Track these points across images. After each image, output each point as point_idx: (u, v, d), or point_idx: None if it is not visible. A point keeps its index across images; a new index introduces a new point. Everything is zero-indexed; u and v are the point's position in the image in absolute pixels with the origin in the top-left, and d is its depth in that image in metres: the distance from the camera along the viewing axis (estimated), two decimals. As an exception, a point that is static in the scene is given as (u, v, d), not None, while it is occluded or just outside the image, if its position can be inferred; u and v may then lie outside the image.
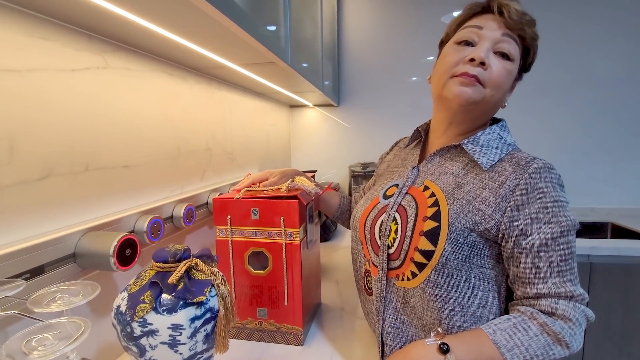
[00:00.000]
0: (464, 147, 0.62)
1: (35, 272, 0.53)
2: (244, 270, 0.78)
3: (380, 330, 0.64)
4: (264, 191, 0.80)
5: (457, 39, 0.63)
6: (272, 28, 0.88)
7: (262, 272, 0.77)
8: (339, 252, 1.39)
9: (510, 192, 0.55)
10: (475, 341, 0.53)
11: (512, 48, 0.59)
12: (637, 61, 1.82)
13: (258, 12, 0.77)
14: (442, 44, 0.70)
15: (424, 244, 0.56)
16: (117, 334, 0.52)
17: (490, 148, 0.61)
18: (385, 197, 0.67)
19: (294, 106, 2.15)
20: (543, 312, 0.54)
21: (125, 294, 0.53)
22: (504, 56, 0.59)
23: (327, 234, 1.52)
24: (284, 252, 0.75)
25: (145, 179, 0.84)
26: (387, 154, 0.87)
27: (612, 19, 1.81)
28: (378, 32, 2.02)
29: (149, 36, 0.71)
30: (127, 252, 0.63)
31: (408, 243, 0.58)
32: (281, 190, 0.78)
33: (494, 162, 0.60)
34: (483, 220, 0.56)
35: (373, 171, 1.89)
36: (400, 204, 0.63)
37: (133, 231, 0.74)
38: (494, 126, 0.65)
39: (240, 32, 0.67)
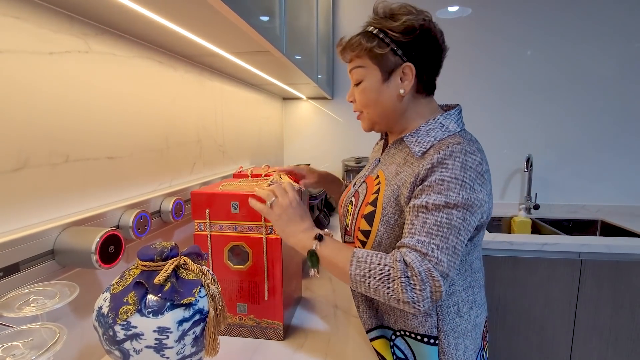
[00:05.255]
0: (404, 139, 0.69)
1: (10, 270, 0.50)
2: (223, 265, 0.75)
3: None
4: (246, 187, 0.78)
5: None
6: (267, 17, 0.84)
7: (242, 267, 0.75)
8: (332, 248, 1.36)
9: (422, 170, 0.60)
10: (344, 246, 0.63)
11: (357, 72, 0.69)
12: (627, 58, 1.82)
13: (253, 0, 0.73)
14: None
15: (364, 225, 0.67)
16: (98, 337, 0.49)
17: (426, 137, 0.66)
18: (354, 184, 0.79)
19: (287, 98, 2.11)
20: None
21: (107, 295, 0.49)
22: (358, 83, 0.70)
23: (319, 228, 1.49)
24: (264, 247, 0.73)
25: (132, 171, 0.79)
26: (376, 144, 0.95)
27: (604, 15, 1.81)
28: (374, 24, 1.97)
29: (136, 20, 0.66)
30: (110, 249, 0.59)
31: (354, 224, 0.70)
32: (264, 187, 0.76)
33: (425, 150, 0.64)
34: (403, 202, 0.62)
35: (367, 166, 1.87)
36: (357, 191, 0.74)
37: (118, 226, 0.70)
38: (438, 116, 0.68)
39: (234, 17, 0.63)
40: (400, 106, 0.69)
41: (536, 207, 1.88)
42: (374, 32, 0.65)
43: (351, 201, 0.74)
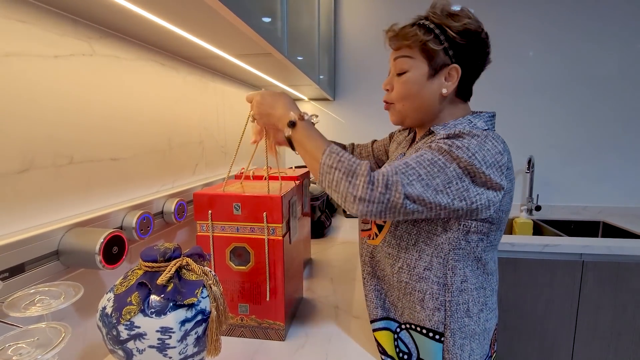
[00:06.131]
0: (432, 129, 0.69)
1: (15, 270, 0.50)
2: (225, 266, 0.76)
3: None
4: (248, 189, 0.79)
5: None
6: (269, 18, 0.84)
7: (243, 267, 0.76)
8: (334, 248, 1.37)
9: (435, 140, 0.61)
10: (316, 135, 0.62)
11: (404, 62, 0.68)
12: (631, 59, 1.82)
13: (254, 2, 0.74)
14: None
15: None
16: (102, 336, 0.49)
17: (453, 128, 0.66)
18: None
19: (289, 99, 2.11)
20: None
21: (111, 295, 0.50)
22: (401, 73, 0.69)
23: (321, 229, 1.50)
24: (266, 248, 0.73)
25: (135, 173, 0.80)
26: (398, 132, 0.94)
27: (606, 16, 1.81)
28: (375, 25, 1.98)
29: (139, 23, 0.67)
30: (114, 250, 0.60)
31: None
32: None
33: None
34: None
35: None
36: None
37: (121, 227, 0.71)
38: (467, 115, 0.69)
39: (236, 20, 0.64)
40: (438, 106, 0.69)
41: (538, 208, 1.88)
42: (431, 26, 0.65)
43: None
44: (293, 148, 0.66)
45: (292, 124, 0.63)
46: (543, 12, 1.84)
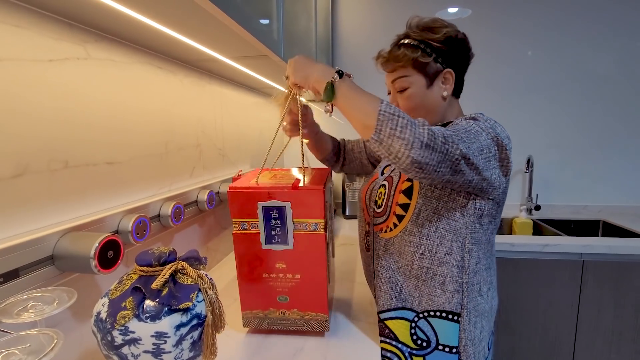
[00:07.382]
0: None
1: (9, 276, 0.50)
2: None
3: (373, 280, 0.81)
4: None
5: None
6: (265, 21, 0.85)
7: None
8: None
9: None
10: (366, 92, 0.61)
11: (402, 81, 0.75)
12: (629, 58, 1.82)
13: (250, 4, 0.74)
14: None
15: (402, 199, 0.72)
16: (97, 342, 0.49)
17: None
18: (382, 173, 0.83)
19: (287, 101, 2.11)
20: None
21: (105, 300, 0.50)
22: (402, 90, 0.76)
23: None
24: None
25: (131, 176, 0.80)
26: None
27: (604, 14, 1.81)
28: (373, 26, 1.99)
29: (135, 27, 0.67)
30: (109, 254, 0.60)
31: (391, 200, 0.74)
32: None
33: None
34: None
35: (367, 168, 1.87)
36: (389, 176, 0.79)
37: (117, 231, 0.70)
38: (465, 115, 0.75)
39: (232, 23, 0.64)
40: (442, 107, 0.76)
41: (537, 208, 1.87)
42: (415, 43, 0.72)
43: (384, 185, 0.78)
44: (330, 94, 0.61)
45: (341, 73, 0.62)
46: (542, 11, 1.84)
